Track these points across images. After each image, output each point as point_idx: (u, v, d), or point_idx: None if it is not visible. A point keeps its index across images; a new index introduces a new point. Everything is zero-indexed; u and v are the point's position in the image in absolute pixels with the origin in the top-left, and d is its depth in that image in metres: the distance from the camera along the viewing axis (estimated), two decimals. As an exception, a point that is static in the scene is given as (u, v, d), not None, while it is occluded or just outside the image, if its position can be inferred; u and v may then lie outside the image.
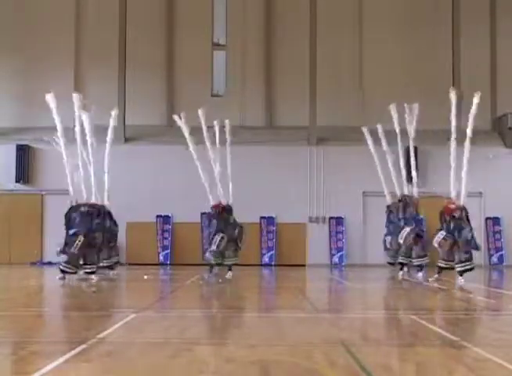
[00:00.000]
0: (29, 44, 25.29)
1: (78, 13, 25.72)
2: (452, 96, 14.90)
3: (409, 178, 17.51)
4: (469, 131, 14.51)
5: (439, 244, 14.45)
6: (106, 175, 16.63)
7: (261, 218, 24.22)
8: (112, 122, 16.99)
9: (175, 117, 17.09)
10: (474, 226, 14.92)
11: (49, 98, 15.19)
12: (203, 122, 16.61)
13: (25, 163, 24.20)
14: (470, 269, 14.45)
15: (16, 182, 24.18)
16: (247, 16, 25.84)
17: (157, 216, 24.22)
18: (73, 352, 5.54)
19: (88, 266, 14.67)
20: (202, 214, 21.64)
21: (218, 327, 7.82)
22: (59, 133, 15.14)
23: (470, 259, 14.38)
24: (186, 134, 16.61)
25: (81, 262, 14.67)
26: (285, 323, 7.94)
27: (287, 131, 24.83)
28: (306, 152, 24.46)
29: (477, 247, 14.57)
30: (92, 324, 7.81)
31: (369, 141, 18.02)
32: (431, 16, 25.68)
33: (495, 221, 24.32)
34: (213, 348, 6.11)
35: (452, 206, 14.51)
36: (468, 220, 14.57)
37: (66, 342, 6.27)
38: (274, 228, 24.30)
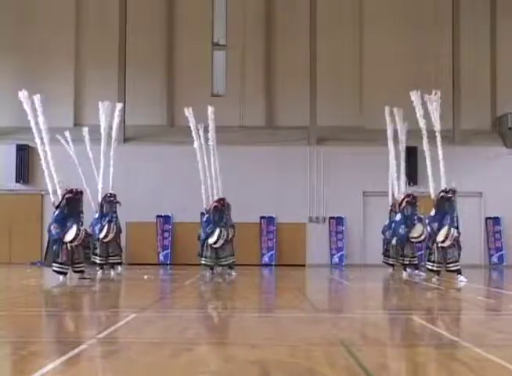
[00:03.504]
0: (29, 44, 25.26)
1: (78, 13, 25.70)
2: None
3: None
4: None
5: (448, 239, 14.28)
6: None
7: (261, 218, 24.21)
8: (116, 118, 17.63)
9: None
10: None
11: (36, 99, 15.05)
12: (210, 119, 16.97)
13: (25, 163, 24.18)
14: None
15: (16, 182, 24.18)
16: (247, 16, 25.82)
17: (157, 216, 24.22)
18: (73, 352, 5.53)
19: (77, 265, 14.33)
20: (202, 214, 21.62)
21: (218, 327, 7.81)
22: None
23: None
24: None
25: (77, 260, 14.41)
26: (285, 323, 7.94)
27: (287, 131, 24.81)
28: (306, 152, 24.44)
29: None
30: (92, 324, 7.81)
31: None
32: (431, 16, 25.65)
33: (495, 221, 24.30)
34: (213, 348, 6.10)
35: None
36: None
37: (66, 342, 6.26)
38: (274, 228, 24.28)
